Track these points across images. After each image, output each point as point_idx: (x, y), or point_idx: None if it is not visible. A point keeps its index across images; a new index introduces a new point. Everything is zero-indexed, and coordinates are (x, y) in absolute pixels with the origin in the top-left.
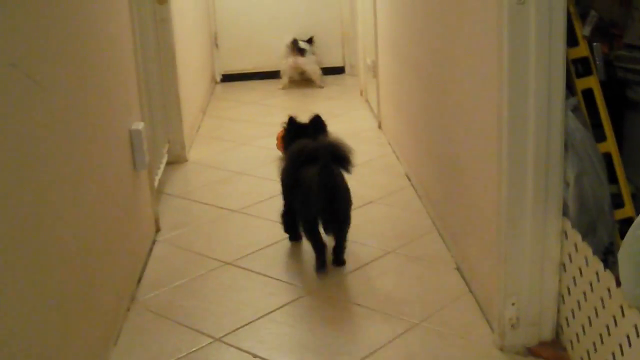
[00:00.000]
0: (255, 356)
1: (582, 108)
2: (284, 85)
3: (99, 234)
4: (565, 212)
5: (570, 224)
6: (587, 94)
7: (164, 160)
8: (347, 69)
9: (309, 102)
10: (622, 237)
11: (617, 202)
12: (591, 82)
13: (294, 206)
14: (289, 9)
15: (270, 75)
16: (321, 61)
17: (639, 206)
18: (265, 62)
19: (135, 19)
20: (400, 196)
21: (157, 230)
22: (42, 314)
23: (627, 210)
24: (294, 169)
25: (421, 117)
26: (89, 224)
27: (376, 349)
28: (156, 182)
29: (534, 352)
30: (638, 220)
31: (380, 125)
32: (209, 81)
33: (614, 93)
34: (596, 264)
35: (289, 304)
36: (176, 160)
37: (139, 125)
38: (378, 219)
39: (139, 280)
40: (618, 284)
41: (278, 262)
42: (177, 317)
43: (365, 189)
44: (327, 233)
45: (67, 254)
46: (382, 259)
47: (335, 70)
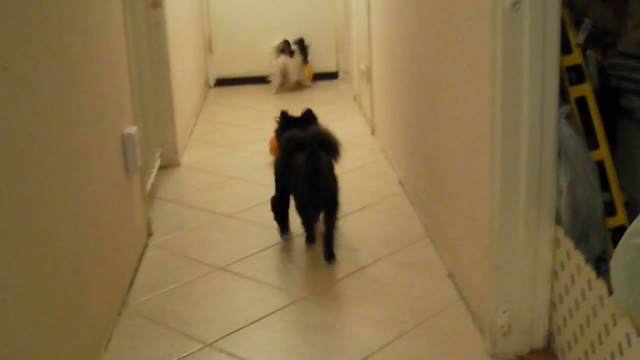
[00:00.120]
0: None
1: (575, 116)
2: (277, 90)
3: (90, 238)
4: (557, 220)
5: (562, 231)
6: (581, 102)
7: (157, 165)
8: (340, 74)
9: (302, 107)
10: (614, 245)
11: (609, 210)
12: (584, 90)
13: (284, 192)
14: (283, 14)
15: (264, 80)
16: (314, 66)
17: (631, 214)
18: (259, 67)
19: (129, 23)
20: (393, 202)
21: (149, 234)
22: (33, 318)
23: (619, 218)
24: (285, 157)
25: (414, 124)
26: (80, 228)
27: (367, 355)
28: (149, 187)
29: None
30: (631, 228)
31: (373, 131)
32: (203, 85)
33: (607, 101)
34: (588, 272)
35: (280, 310)
36: (169, 165)
37: (132, 129)
38: (370, 225)
39: (130, 284)
40: (610, 292)
41: (270, 267)
42: (169, 322)
43: (357, 195)
44: (317, 218)
45: (58, 258)
46: (374, 265)
47: (328, 76)
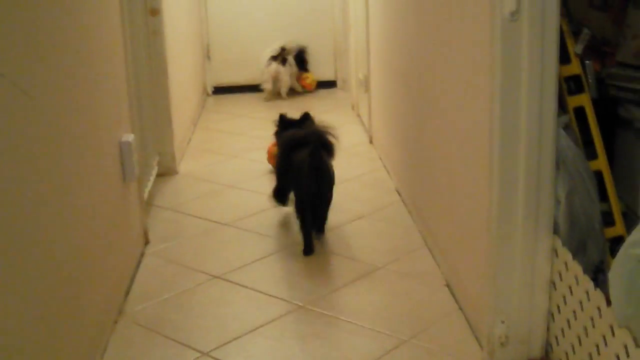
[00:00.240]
0: None
1: (573, 126)
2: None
3: (87, 245)
4: (555, 230)
5: (560, 242)
6: (579, 112)
7: (154, 172)
8: (339, 83)
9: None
10: (612, 255)
11: (607, 220)
12: (583, 100)
13: (286, 187)
14: (282, 23)
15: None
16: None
17: (629, 224)
18: (257, 75)
19: (127, 31)
20: (391, 211)
21: (146, 242)
22: (28, 325)
23: (617, 229)
24: (286, 154)
25: (412, 133)
26: (77, 235)
27: None
28: (146, 194)
29: None
30: (630, 239)
31: (371, 140)
32: (201, 93)
33: (605, 111)
34: (586, 282)
35: (277, 319)
36: (166, 173)
37: (129, 137)
38: (368, 234)
39: (127, 293)
40: (608, 303)
41: (267, 276)
42: (165, 331)
43: (355, 204)
44: (312, 210)
45: (54, 265)
46: (372, 275)
47: (327, 84)
